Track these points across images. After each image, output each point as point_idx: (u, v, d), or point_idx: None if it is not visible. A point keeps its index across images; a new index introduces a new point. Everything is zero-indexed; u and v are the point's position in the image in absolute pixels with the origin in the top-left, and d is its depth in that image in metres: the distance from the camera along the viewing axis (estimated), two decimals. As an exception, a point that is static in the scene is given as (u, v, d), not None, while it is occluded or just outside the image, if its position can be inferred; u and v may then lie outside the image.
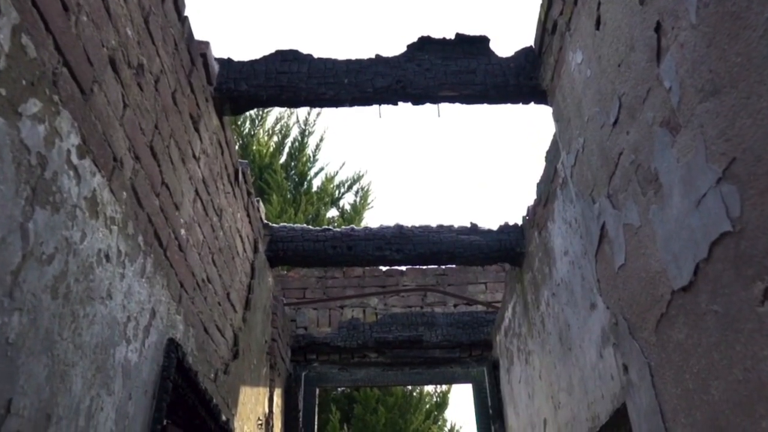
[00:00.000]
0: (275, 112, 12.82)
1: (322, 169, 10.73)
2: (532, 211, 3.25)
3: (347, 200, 10.36)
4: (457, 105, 2.55)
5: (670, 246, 1.40)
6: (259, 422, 3.09)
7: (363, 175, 10.39)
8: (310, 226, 3.52)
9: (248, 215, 3.06)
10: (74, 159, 1.25)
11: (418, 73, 2.48)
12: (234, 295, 2.70)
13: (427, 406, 8.12)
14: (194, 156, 2.16)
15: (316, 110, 10.57)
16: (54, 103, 1.18)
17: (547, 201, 2.95)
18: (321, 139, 10.74)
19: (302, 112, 13.46)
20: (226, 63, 2.51)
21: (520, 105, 2.58)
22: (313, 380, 4.20)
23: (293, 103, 2.50)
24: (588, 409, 2.42)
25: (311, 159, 10.49)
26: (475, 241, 3.44)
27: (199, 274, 2.18)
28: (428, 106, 2.54)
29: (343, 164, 15.52)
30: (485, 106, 2.56)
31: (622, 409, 2.04)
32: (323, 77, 2.46)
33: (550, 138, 2.78)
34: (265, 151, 9.84)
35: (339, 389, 8.03)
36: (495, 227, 3.53)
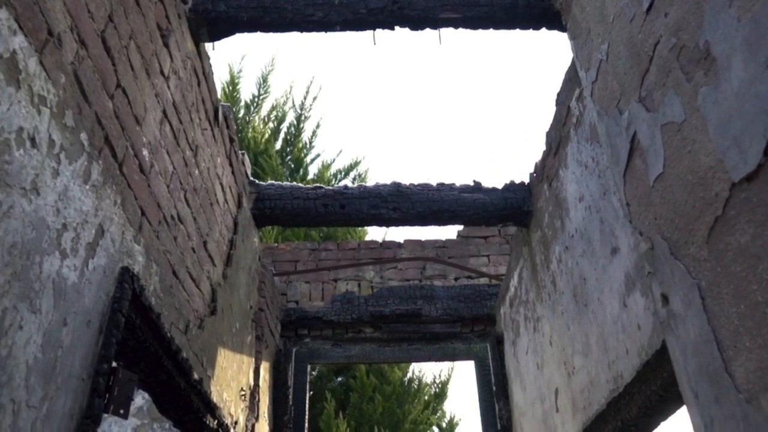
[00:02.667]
0: (271, 98, 12.57)
1: (318, 155, 10.47)
2: (541, 164, 2.98)
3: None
4: (461, 31, 2.28)
5: (729, 129, 1.13)
6: (242, 393, 2.81)
7: (360, 162, 10.12)
8: (300, 184, 3.24)
9: (231, 165, 2.79)
10: (-22, -5, 0.98)
11: (418, -7, 2.21)
12: (212, 246, 2.42)
13: (426, 396, 7.84)
14: (162, 73, 1.89)
15: (312, 94, 10.32)
16: None
17: (558, 147, 2.68)
18: (317, 126, 10.47)
19: (298, 95, 13.19)
20: (203, -19, 2.24)
21: (530, 31, 2.31)
22: (305, 356, 3.92)
23: (277, 25, 2.23)
24: (609, 369, 2.14)
25: (307, 146, 10.21)
26: (478, 199, 3.16)
27: (168, 209, 1.91)
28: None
29: (340, 152, 15.26)
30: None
31: (653, 359, 1.77)
32: (311, -4, 2.20)
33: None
34: (260, 137, 9.56)
35: (336, 380, 7.75)
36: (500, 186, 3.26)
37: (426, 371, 14.01)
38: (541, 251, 2.95)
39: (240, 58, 13.93)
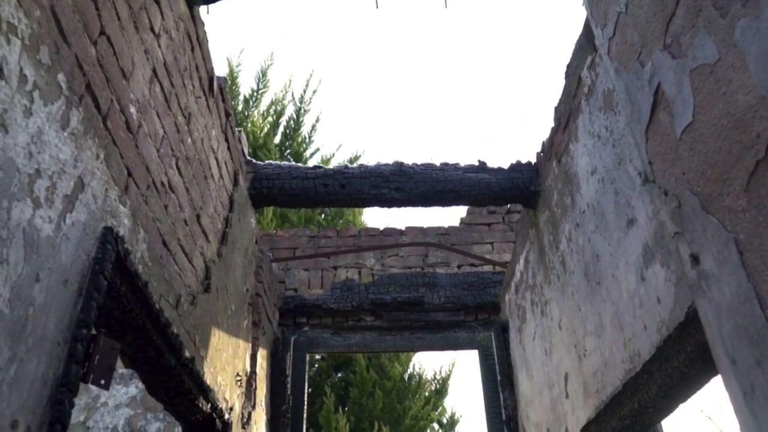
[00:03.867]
0: (270, 93, 12.45)
1: (318, 149, 10.34)
2: (549, 141, 2.87)
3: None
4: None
5: (774, 60, 1.02)
6: (238, 378, 2.69)
7: (360, 155, 10.01)
8: (299, 164, 3.13)
9: (227, 140, 2.68)
10: None
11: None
12: (206, 221, 2.31)
13: (426, 392, 7.72)
14: (152, 29, 1.78)
15: (312, 87, 10.20)
16: None
17: (568, 121, 2.57)
18: (317, 120, 10.35)
19: (298, 88, 13.09)
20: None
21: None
22: (303, 345, 3.80)
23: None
24: (624, 348, 2.03)
25: (307, 140, 10.09)
26: (484, 179, 3.05)
27: (158, 174, 1.79)
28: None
29: (340, 146, 15.11)
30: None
31: (676, 333, 1.65)
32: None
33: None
34: (259, 131, 9.44)
35: (336, 376, 7.62)
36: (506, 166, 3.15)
37: (426, 367, 13.91)
38: (550, 231, 2.84)
39: (239, 51, 13.79)
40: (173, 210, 1.94)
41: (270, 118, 10.05)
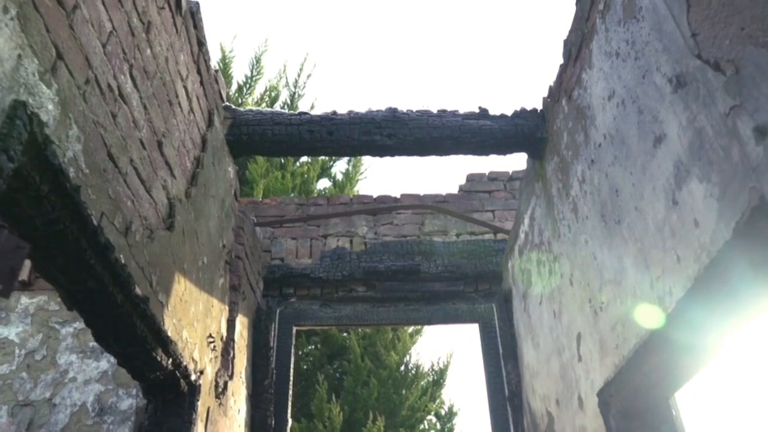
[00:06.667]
0: (265, 80, 12.18)
1: (312, 136, 10.04)
2: (558, 81, 2.59)
3: (339, 168, 9.69)
4: None
5: None
6: (211, 340, 2.41)
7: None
8: (283, 110, 2.85)
9: (199, 73, 2.39)
10: None
11: None
12: (170, 153, 2.02)
13: (423, 382, 7.42)
14: None
15: (306, 72, 9.94)
16: None
17: (579, 49, 2.30)
18: (312, 107, 10.06)
19: (292, 73, 12.82)
20: None
21: None
22: (290, 317, 3.51)
23: None
24: (651, 289, 1.75)
25: (301, 126, 9.80)
26: (485, 125, 2.77)
27: (103, 74, 1.51)
28: None
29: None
30: None
31: (722, 256, 1.37)
32: None
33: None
34: (252, 117, 9.14)
35: (330, 365, 7.32)
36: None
37: (424, 357, 13.62)
38: (559, 179, 2.56)
39: (232, 37, 13.52)
40: (125, 123, 1.65)
41: (264, 105, 9.78)
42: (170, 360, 1.90)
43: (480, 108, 2.86)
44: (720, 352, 1.67)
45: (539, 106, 2.89)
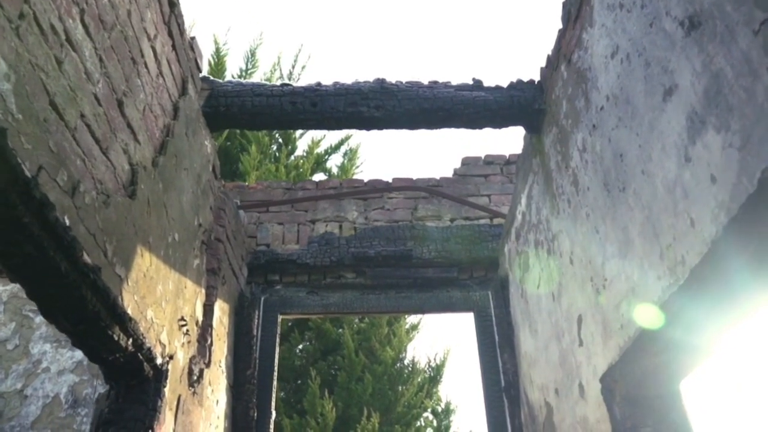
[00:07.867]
0: (260, 72, 12.02)
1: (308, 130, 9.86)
2: (556, 47, 2.42)
3: (335, 162, 9.51)
4: None
5: None
6: (183, 323, 2.23)
7: (351, 136, 9.53)
8: (265, 82, 2.68)
9: (171, 35, 2.22)
10: None
11: None
12: (134, 115, 1.85)
13: (419, 378, 7.24)
14: None
15: (301, 63, 9.76)
16: None
17: (579, 8, 2.13)
18: (306, 99, 9.87)
19: (287, 65, 12.67)
20: None
21: None
22: (275, 305, 3.34)
23: None
24: (661, 260, 1.58)
25: (296, 118, 9.61)
26: (479, 97, 2.60)
27: (44, 13, 1.34)
28: None
29: (332, 131, 14.59)
30: None
31: (744, 213, 1.20)
32: None
33: None
34: (246, 111, 8.96)
35: (325, 363, 7.13)
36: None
37: (420, 356, 13.42)
38: (558, 151, 2.39)
39: (226, 30, 13.29)
40: (74, 73, 1.48)
41: (258, 97, 9.59)
42: (130, 340, 1.73)
43: (474, 79, 2.69)
44: (740, 326, 1.50)
45: (537, 79, 2.72)
